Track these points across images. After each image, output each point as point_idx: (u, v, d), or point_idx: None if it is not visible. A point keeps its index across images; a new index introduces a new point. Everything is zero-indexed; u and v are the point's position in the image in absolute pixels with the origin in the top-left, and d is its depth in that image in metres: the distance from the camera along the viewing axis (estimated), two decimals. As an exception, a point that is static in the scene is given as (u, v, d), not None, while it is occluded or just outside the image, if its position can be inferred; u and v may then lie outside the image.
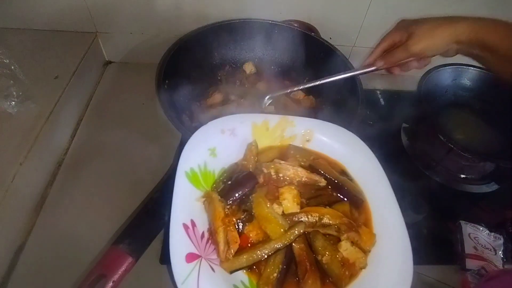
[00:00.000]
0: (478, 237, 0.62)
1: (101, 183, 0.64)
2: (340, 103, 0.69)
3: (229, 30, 0.75)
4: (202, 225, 0.38)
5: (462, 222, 0.63)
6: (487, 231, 0.63)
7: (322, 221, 0.40)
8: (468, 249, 0.60)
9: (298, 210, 0.41)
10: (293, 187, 0.43)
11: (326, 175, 0.45)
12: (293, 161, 0.47)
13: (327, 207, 0.43)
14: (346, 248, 0.39)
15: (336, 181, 0.45)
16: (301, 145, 0.50)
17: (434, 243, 0.63)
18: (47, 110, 0.63)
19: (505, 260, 0.60)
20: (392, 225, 0.42)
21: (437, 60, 0.78)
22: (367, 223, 0.43)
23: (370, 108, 0.83)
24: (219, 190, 0.42)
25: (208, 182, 0.42)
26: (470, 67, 0.77)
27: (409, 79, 0.94)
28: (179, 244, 0.35)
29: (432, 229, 0.64)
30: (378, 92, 0.90)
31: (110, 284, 0.42)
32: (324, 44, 0.74)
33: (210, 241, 0.38)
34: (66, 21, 0.78)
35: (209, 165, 0.42)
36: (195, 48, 0.72)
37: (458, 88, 0.78)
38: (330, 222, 0.40)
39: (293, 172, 0.44)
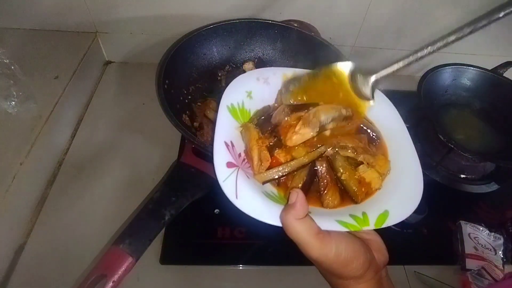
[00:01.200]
0: (478, 237, 0.62)
1: (101, 183, 0.64)
2: (340, 103, 0.69)
3: (229, 30, 0.75)
4: (240, 148, 0.43)
5: (462, 222, 0.63)
6: (487, 231, 0.63)
7: (340, 144, 0.45)
8: (468, 249, 0.60)
9: (312, 133, 0.44)
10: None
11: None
12: None
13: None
14: (363, 169, 0.43)
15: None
16: None
17: (434, 243, 0.64)
18: (47, 110, 0.64)
19: (505, 260, 0.60)
20: (406, 158, 0.46)
21: (437, 60, 0.79)
22: (383, 154, 0.47)
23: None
24: (254, 124, 0.47)
25: (244, 117, 0.47)
26: (470, 67, 0.77)
27: (409, 79, 0.95)
28: (221, 154, 0.39)
29: (432, 229, 0.64)
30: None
31: (110, 284, 0.42)
32: (324, 44, 0.73)
33: (246, 160, 0.43)
34: (66, 21, 0.78)
35: (246, 104, 0.48)
36: (195, 48, 0.72)
37: (458, 88, 0.78)
38: (348, 144, 0.45)
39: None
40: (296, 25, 0.78)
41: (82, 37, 0.80)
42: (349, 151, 0.44)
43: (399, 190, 0.42)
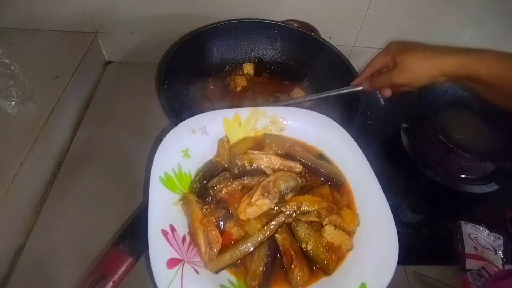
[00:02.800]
0: (478, 237, 0.62)
1: (101, 183, 0.64)
2: (340, 103, 0.69)
3: (229, 30, 0.75)
4: (183, 229, 0.38)
5: (462, 222, 0.63)
6: (487, 231, 0.63)
7: (301, 209, 0.40)
8: (468, 249, 0.60)
9: (273, 205, 0.40)
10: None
11: (302, 160, 0.45)
12: (268, 150, 0.47)
13: (306, 194, 0.43)
14: (330, 233, 0.39)
15: (312, 165, 0.45)
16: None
17: (434, 243, 0.64)
18: (47, 110, 0.63)
19: (505, 260, 0.60)
20: (375, 204, 0.41)
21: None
22: (349, 205, 0.43)
23: (370, 108, 0.83)
24: (196, 190, 0.42)
25: (184, 184, 0.41)
26: (470, 67, 0.77)
27: (409, 79, 0.95)
28: (159, 250, 0.34)
29: (432, 229, 0.64)
30: (378, 92, 0.90)
31: (110, 284, 0.42)
32: (324, 44, 0.74)
33: (192, 244, 0.38)
34: (66, 21, 0.78)
35: (183, 167, 0.42)
36: (195, 48, 0.72)
37: (458, 88, 0.78)
38: (309, 208, 0.40)
39: (267, 160, 0.44)
40: (296, 25, 0.78)
41: (82, 37, 0.80)
42: (313, 215, 0.39)
43: (372, 252, 0.38)
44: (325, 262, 0.38)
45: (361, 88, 0.60)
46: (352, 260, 0.38)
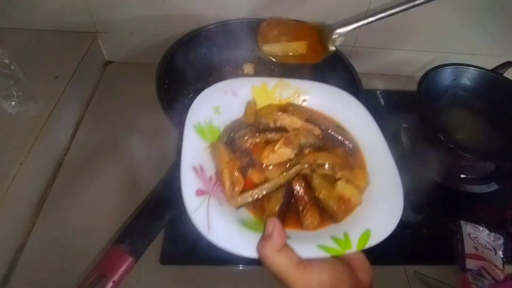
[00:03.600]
0: (478, 237, 0.62)
1: (101, 183, 0.64)
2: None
3: (229, 30, 0.75)
4: (210, 171, 0.41)
5: (462, 222, 0.63)
6: (487, 231, 0.63)
7: (317, 162, 0.43)
8: (468, 249, 0.60)
9: (293, 155, 0.44)
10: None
11: (321, 125, 0.49)
12: (291, 115, 0.51)
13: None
14: (342, 186, 0.42)
15: (330, 131, 0.48)
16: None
17: (434, 243, 0.64)
18: (47, 110, 0.64)
19: (505, 260, 0.60)
20: (385, 168, 0.44)
21: (437, 60, 0.79)
22: (361, 166, 0.46)
23: (370, 108, 0.83)
24: (223, 142, 0.45)
25: (214, 136, 0.45)
26: (470, 67, 0.77)
27: (409, 79, 0.95)
28: (189, 181, 0.37)
29: (432, 229, 0.64)
30: (378, 92, 0.91)
31: (110, 284, 0.42)
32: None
33: (217, 184, 0.41)
34: (66, 21, 0.78)
35: (214, 121, 0.46)
36: (195, 48, 0.72)
37: (458, 88, 0.78)
38: (325, 162, 0.44)
39: (289, 120, 0.48)
40: (296, 25, 0.78)
41: (82, 37, 0.80)
42: (326, 168, 0.43)
43: (379, 206, 0.41)
44: (335, 210, 0.41)
45: None
46: (360, 213, 0.41)
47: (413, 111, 0.80)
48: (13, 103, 0.60)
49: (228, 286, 0.55)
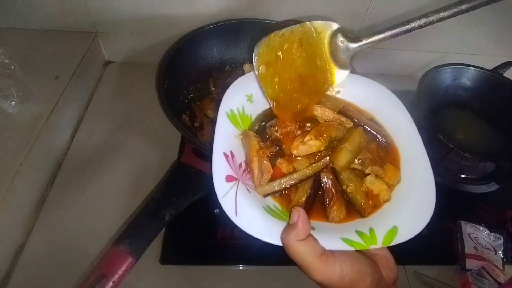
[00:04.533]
0: (478, 237, 0.62)
1: (101, 183, 0.64)
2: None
3: (229, 30, 0.75)
4: (240, 158, 0.42)
5: (462, 222, 0.63)
6: (487, 231, 0.63)
7: None
8: (468, 249, 0.60)
9: (323, 147, 0.43)
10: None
11: (354, 119, 0.47)
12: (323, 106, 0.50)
13: None
14: (370, 181, 0.41)
15: (363, 124, 0.47)
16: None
17: (434, 243, 0.63)
18: (47, 110, 0.64)
19: (505, 260, 0.60)
20: (418, 166, 0.43)
21: (437, 60, 0.79)
22: (393, 162, 0.45)
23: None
24: (254, 130, 0.46)
25: (245, 124, 0.46)
26: (470, 67, 0.77)
27: (409, 79, 0.95)
28: (220, 167, 0.38)
29: (432, 229, 0.64)
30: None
31: (110, 284, 0.42)
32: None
33: (246, 171, 0.41)
34: (66, 21, 0.78)
35: (246, 109, 0.46)
36: (195, 48, 0.72)
37: (458, 88, 0.78)
38: None
39: (321, 111, 0.47)
40: (296, 25, 0.78)
41: (82, 37, 0.80)
42: (356, 162, 0.42)
43: (409, 203, 0.40)
44: (362, 205, 0.40)
45: None
46: (388, 209, 0.40)
47: (413, 111, 0.80)
48: (13, 103, 0.60)
49: (228, 286, 0.55)
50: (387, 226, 0.37)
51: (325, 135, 0.43)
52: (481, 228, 0.63)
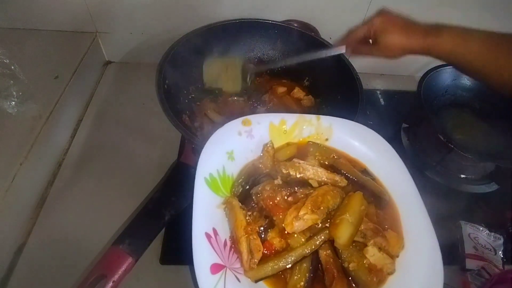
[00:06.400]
0: (478, 237, 0.62)
1: (101, 183, 0.64)
2: (340, 103, 0.69)
3: (229, 30, 0.75)
4: (224, 233, 0.37)
5: (462, 222, 0.63)
6: (487, 231, 0.63)
7: None
8: (468, 249, 0.60)
9: (320, 221, 0.39)
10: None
11: (348, 174, 0.43)
12: (312, 159, 0.46)
13: None
14: (373, 254, 0.37)
15: (358, 181, 0.43)
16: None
17: (434, 243, 0.64)
18: (47, 110, 0.64)
19: (505, 260, 0.60)
20: (419, 225, 0.40)
21: (437, 60, 0.79)
22: (394, 224, 0.41)
23: (370, 108, 0.83)
24: (238, 194, 0.41)
25: (226, 186, 0.41)
26: (470, 67, 0.77)
27: (409, 79, 0.95)
28: (203, 255, 0.34)
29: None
30: (378, 92, 0.90)
31: (110, 284, 0.42)
32: (324, 44, 0.73)
33: (233, 250, 0.37)
34: (66, 21, 0.78)
35: (227, 169, 0.41)
36: (195, 48, 0.72)
37: (458, 88, 0.78)
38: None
39: (313, 172, 0.43)
40: (296, 25, 0.78)
41: (82, 37, 0.80)
42: (358, 235, 0.38)
43: (416, 275, 0.36)
44: (366, 283, 0.37)
45: (343, 51, 0.63)
46: (393, 284, 0.37)
47: (413, 111, 0.80)
48: (13, 103, 0.60)
49: (228, 286, 0.55)
50: None
51: (322, 207, 0.38)
52: (481, 228, 0.63)
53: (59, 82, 0.69)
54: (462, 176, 0.71)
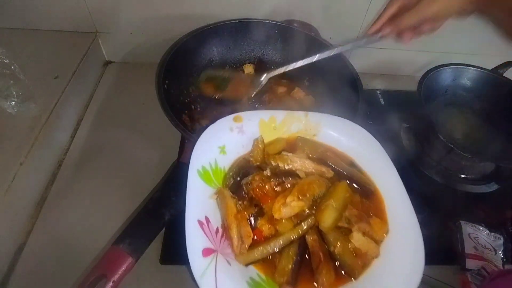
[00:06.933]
0: (478, 237, 0.62)
1: (101, 183, 0.64)
2: (340, 103, 0.69)
3: (229, 30, 0.75)
4: (216, 221, 0.39)
5: (462, 222, 0.63)
6: (487, 231, 0.63)
7: None
8: (468, 249, 0.60)
9: (306, 207, 0.41)
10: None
11: (334, 166, 0.46)
12: (300, 153, 0.48)
13: None
14: (358, 239, 0.39)
15: (344, 172, 0.45)
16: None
17: (434, 243, 0.63)
18: (47, 110, 0.64)
19: (505, 260, 0.60)
20: (403, 214, 0.42)
21: (437, 60, 0.79)
22: (379, 212, 0.44)
23: (370, 108, 0.83)
24: (229, 185, 0.43)
25: (218, 178, 0.43)
26: (470, 67, 0.77)
27: (409, 79, 0.95)
28: (195, 240, 0.36)
29: (432, 229, 0.64)
30: (378, 92, 0.91)
31: (110, 284, 0.42)
32: (324, 44, 0.73)
33: (224, 237, 0.39)
34: (66, 21, 0.78)
35: (219, 162, 0.44)
36: (195, 48, 0.72)
37: (458, 88, 0.78)
38: None
39: (300, 164, 0.45)
40: (296, 25, 0.78)
41: (82, 37, 0.80)
42: (343, 221, 0.40)
43: (399, 260, 0.39)
44: (351, 266, 0.38)
45: (379, 35, 0.53)
46: (378, 268, 0.39)
47: (413, 111, 0.80)
48: (13, 103, 0.60)
49: (228, 286, 0.55)
50: None
51: (308, 195, 0.40)
52: (481, 228, 0.63)
53: (59, 82, 0.69)
54: (462, 176, 0.71)
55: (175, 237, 0.58)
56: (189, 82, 0.71)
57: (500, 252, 0.60)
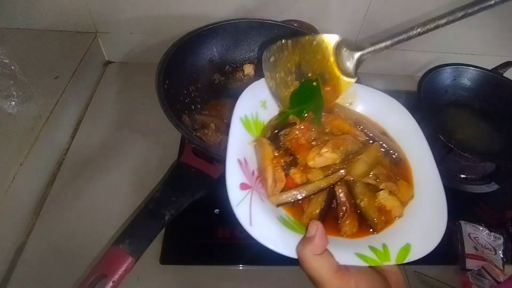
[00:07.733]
0: (478, 237, 0.62)
1: (101, 183, 0.64)
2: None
3: (229, 30, 0.75)
4: (253, 165, 0.41)
5: (462, 222, 0.63)
6: (487, 231, 0.63)
7: None
8: (468, 249, 0.60)
9: (338, 160, 0.43)
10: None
11: (367, 131, 0.47)
12: (337, 117, 0.50)
13: None
14: (384, 197, 0.41)
15: (376, 138, 0.47)
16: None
17: (434, 243, 0.64)
18: (47, 110, 0.64)
19: (505, 260, 0.60)
20: (430, 183, 0.43)
21: (437, 60, 0.79)
22: (406, 178, 0.45)
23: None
24: (268, 136, 0.45)
25: (258, 129, 0.45)
26: (470, 67, 0.77)
27: (409, 79, 0.95)
28: (234, 174, 0.37)
29: (432, 229, 0.64)
30: (378, 92, 0.90)
31: (110, 284, 0.42)
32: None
33: (259, 179, 0.41)
34: (66, 21, 0.78)
35: (260, 115, 0.46)
36: (195, 48, 0.72)
37: (458, 88, 0.78)
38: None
39: (336, 123, 0.47)
40: (296, 25, 0.78)
41: (82, 37, 0.80)
42: (371, 177, 0.42)
43: (422, 220, 0.40)
44: (375, 220, 0.40)
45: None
46: (400, 226, 0.40)
47: (413, 111, 0.80)
48: (13, 103, 0.60)
49: (228, 286, 0.55)
50: (400, 243, 0.37)
51: (341, 148, 0.42)
52: (481, 228, 0.63)
53: (59, 82, 0.69)
54: (462, 176, 0.71)
55: (175, 237, 0.58)
56: (189, 82, 0.71)
57: (500, 252, 0.60)
